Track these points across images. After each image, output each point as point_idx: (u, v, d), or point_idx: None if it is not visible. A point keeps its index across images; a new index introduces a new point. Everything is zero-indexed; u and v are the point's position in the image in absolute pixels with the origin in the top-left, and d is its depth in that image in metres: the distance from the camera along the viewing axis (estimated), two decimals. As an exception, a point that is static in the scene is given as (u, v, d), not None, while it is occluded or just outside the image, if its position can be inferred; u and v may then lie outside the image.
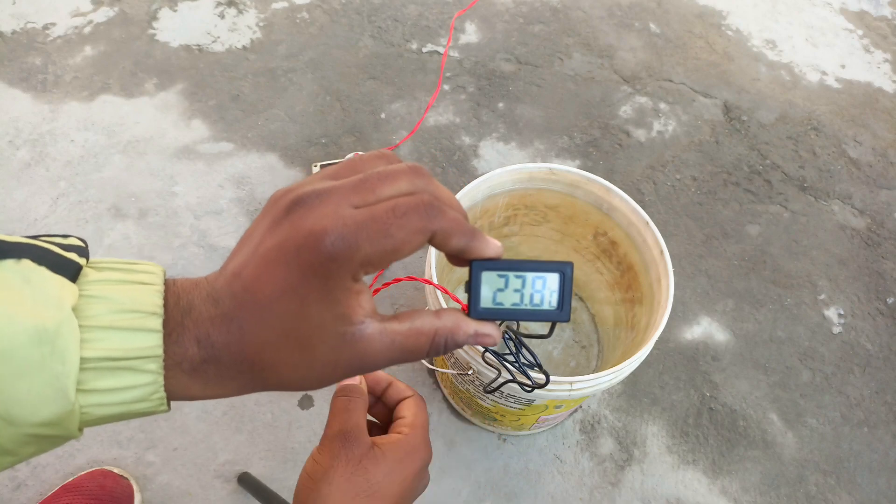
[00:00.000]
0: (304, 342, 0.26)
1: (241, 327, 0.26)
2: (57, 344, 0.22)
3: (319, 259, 0.25)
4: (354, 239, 0.25)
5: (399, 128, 1.18)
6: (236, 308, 0.26)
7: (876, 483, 0.90)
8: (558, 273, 0.31)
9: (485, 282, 0.30)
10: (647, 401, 0.93)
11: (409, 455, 0.37)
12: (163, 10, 1.31)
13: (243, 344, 0.26)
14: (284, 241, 0.25)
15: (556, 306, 0.31)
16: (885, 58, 1.43)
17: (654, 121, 1.25)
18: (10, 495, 0.79)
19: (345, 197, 0.26)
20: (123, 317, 0.24)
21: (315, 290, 0.25)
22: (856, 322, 1.04)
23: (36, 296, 0.23)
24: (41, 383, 0.22)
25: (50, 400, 0.23)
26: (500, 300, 0.30)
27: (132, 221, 1.02)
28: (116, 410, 0.25)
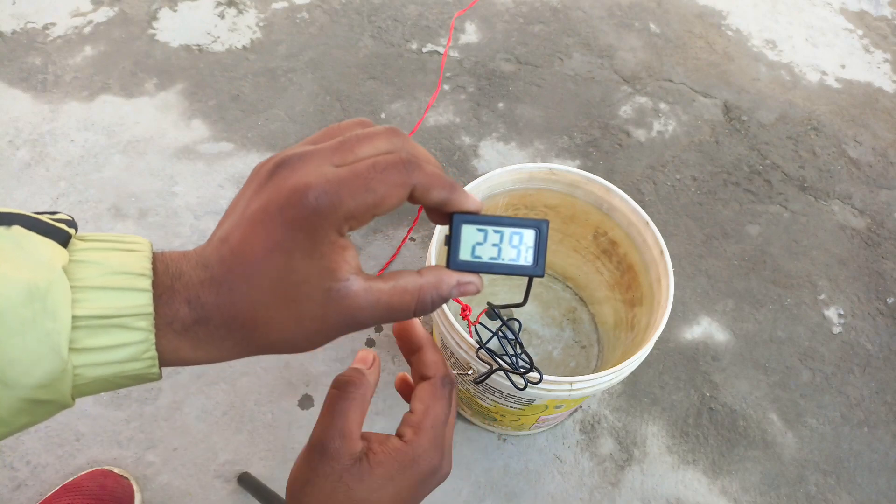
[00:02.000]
0: (292, 298, 0.26)
1: (231, 288, 0.26)
2: (48, 301, 0.23)
3: (304, 213, 0.25)
4: (337, 193, 0.26)
5: (399, 128, 1.18)
6: (225, 271, 0.26)
7: (876, 483, 0.90)
8: (534, 229, 0.32)
9: (464, 235, 0.31)
10: (647, 401, 0.93)
11: (405, 469, 0.31)
12: (163, 10, 1.31)
13: (233, 304, 0.26)
14: (269, 201, 0.26)
15: (532, 262, 0.32)
16: (885, 58, 1.43)
17: (654, 121, 1.25)
18: (10, 495, 0.79)
19: (326, 157, 0.27)
20: (113, 278, 0.25)
21: (300, 245, 0.26)
22: (856, 322, 1.04)
23: (27, 258, 0.23)
24: (34, 341, 0.23)
25: (43, 358, 0.23)
26: (478, 253, 0.31)
27: (132, 221, 1.02)
28: (109, 371, 0.25)
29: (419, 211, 1.06)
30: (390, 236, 1.05)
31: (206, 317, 0.26)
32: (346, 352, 0.93)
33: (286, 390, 0.90)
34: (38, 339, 0.23)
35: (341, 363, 0.92)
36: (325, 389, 0.90)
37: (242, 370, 0.90)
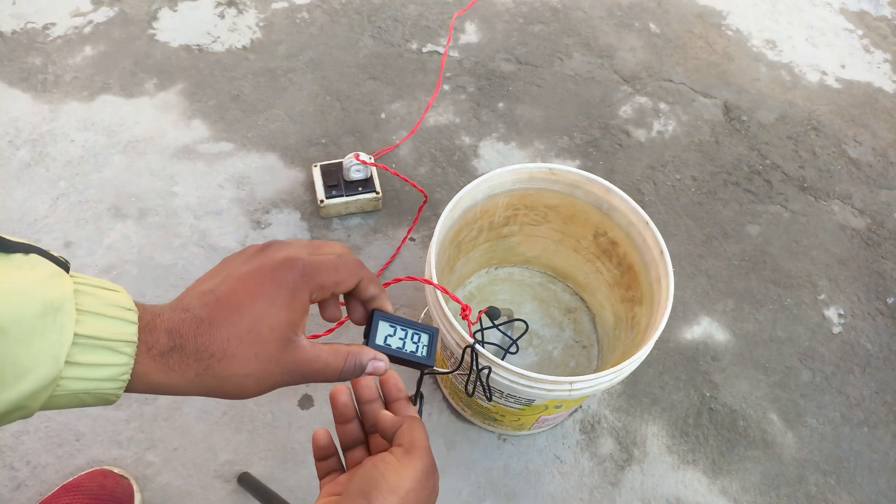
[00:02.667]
0: (262, 339, 0.33)
1: (212, 324, 0.32)
2: (58, 317, 0.27)
3: (291, 276, 0.34)
4: (316, 268, 0.36)
5: (399, 128, 1.18)
6: (209, 312, 0.33)
7: (876, 483, 0.90)
8: (429, 334, 0.44)
9: (380, 327, 0.42)
10: (647, 401, 0.93)
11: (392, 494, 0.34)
12: (163, 10, 1.31)
13: (210, 336, 0.32)
14: (262, 264, 0.35)
15: (426, 355, 0.43)
16: (885, 58, 1.43)
17: (654, 121, 1.25)
18: (10, 495, 0.79)
19: (304, 248, 0.37)
20: (108, 308, 0.30)
21: (282, 299, 0.34)
22: (856, 322, 1.04)
23: (43, 279, 0.28)
24: (39, 349, 0.27)
25: (42, 365, 0.27)
26: (388, 342, 0.42)
27: (132, 221, 1.02)
28: (85, 386, 0.29)
29: (419, 211, 1.06)
30: (390, 236, 1.05)
31: (181, 345, 0.32)
32: (346, 352, 0.93)
33: (286, 390, 0.90)
34: (43, 348, 0.27)
35: (341, 363, 0.92)
36: (324, 389, 0.90)
37: (242, 370, 0.90)
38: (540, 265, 1.00)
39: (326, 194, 1.02)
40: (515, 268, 1.01)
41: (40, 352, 0.27)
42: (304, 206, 1.06)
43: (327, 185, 1.03)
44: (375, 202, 1.05)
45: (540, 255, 0.97)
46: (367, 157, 1.01)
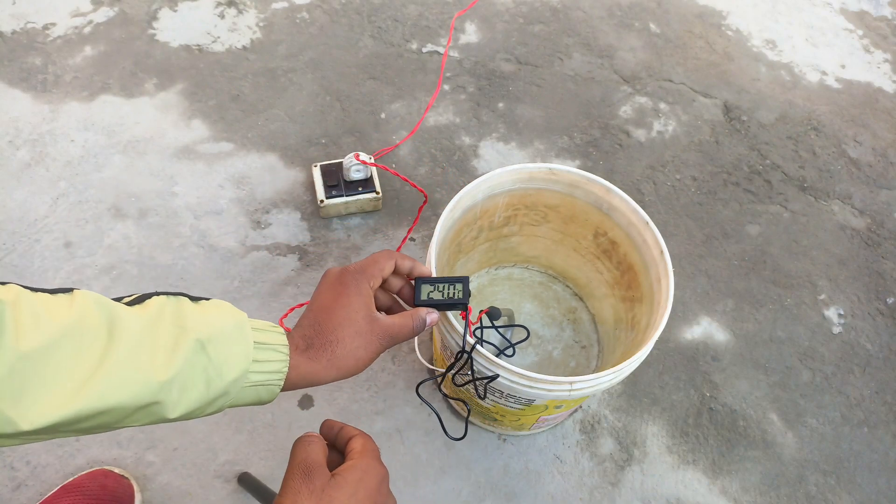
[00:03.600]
0: (353, 320, 0.50)
1: (323, 326, 0.49)
2: (244, 330, 0.44)
3: (350, 277, 0.52)
4: (361, 268, 0.53)
5: (399, 128, 1.18)
6: (318, 320, 0.50)
7: (876, 483, 0.90)
8: (462, 282, 0.58)
9: (422, 288, 0.58)
10: (647, 401, 0.93)
11: (365, 474, 0.44)
12: (163, 10, 1.31)
13: (325, 332, 0.49)
14: (333, 281, 0.52)
15: (462, 297, 0.57)
16: (885, 58, 1.43)
17: (654, 121, 1.25)
18: (10, 495, 0.79)
19: (352, 264, 0.54)
20: (266, 325, 0.46)
21: (353, 292, 0.51)
22: (856, 322, 1.04)
23: (226, 310, 0.44)
24: (237, 350, 0.43)
25: (240, 360, 0.42)
26: (431, 296, 0.57)
27: (132, 221, 1.02)
28: (262, 379, 0.44)
29: (419, 211, 1.06)
30: (390, 236, 1.05)
31: (312, 343, 0.49)
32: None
33: (286, 391, 0.89)
34: (239, 350, 0.43)
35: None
36: (324, 389, 0.90)
37: (242, 370, 0.90)
38: (540, 265, 1.00)
39: (326, 194, 1.02)
40: (515, 268, 1.01)
41: (238, 352, 0.43)
42: (304, 206, 1.06)
43: (327, 185, 1.03)
44: (375, 202, 1.05)
45: (540, 255, 0.97)
46: (367, 157, 1.01)
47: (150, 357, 0.38)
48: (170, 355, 0.39)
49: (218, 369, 0.41)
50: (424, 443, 0.87)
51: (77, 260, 0.97)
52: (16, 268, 0.96)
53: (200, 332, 0.40)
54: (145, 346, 0.38)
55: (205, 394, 0.41)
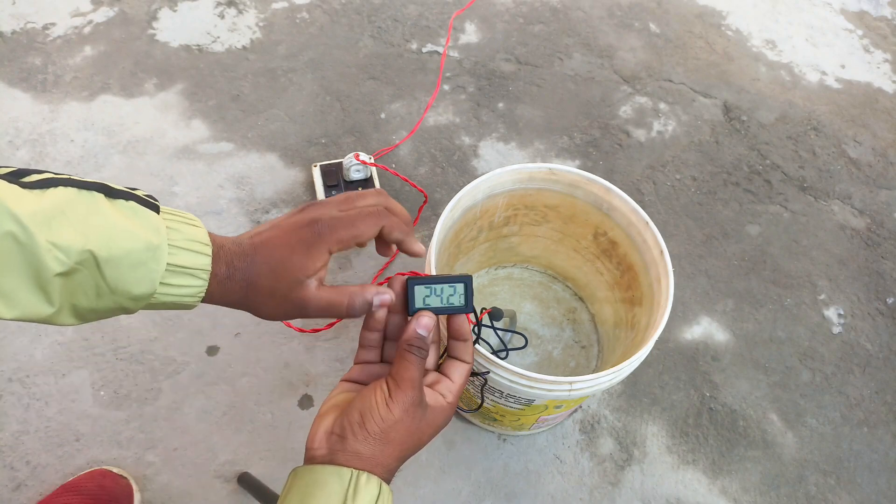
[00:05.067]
0: (279, 276, 0.43)
1: (253, 259, 0.43)
2: (157, 253, 0.38)
3: (312, 233, 0.43)
4: (334, 226, 0.44)
5: (399, 128, 1.18)
6: (252, 249, 0.43)
7: (876, 483, 0.90)
8: (463, 282, 0.46)
9: (417, 292, 0.46)
10: (647, 401, 0.93)
11: (445, 420, 0.45)
12: (163, 10, 1.31)
13: (250, 269, 0.43)
14: (294, 222, 0.44)
15: (464, 304, 0.47)
16: (885, 58, 1.43)
17: (654, 121, 1.25)
18: (9, 495, 0.79)
19: (335, 205, 0.46)
20: (191, 244, 0.40)
21: (299, 249, 0.43)
22: (856, 322, 1.04)
23: (144, 223, 0.38)
24: (142, 275, 0.38)
25: (144, 284, 0.39)
26: (427, 302, 0.46)
27: (132, 221, 1.02)
28: (174, 300, 0.41)
29: (419, 211, 1.06)
30: (390, 236, 1.04)
31: (233, 274, 0.43)
32: (345, 352, 0.93)
33: (286, 390, 0.90)
34: (145, 274, 0.38)
35: (342, 363, 0.92)
36: (324, 389, 0.90)
37: (242, 371, 0.90)
38: (540, 265, 1.00)
39: (326, 194, 1.02)
40: (515, 268, 1.01)
41: (143, 276, 0.38)
42: (304, 206, 1.06)
43: (327, 185, 1.03)
44: (375, 202, 1.05)
45: (540, 255, 0.97)
46: (366, 157, 1.01)
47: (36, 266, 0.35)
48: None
49: (112, 288, 0.38)
50: (424, 443, 0.87)
51: (77, 260, 0.97)
52: None
53: (100, 248, 0.36)
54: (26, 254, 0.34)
55: (95, 302, 0.38)
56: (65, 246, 0.36)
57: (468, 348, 0.48)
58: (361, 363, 0.48)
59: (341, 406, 0.44)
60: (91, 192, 0.38)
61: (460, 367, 0.47)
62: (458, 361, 0.47)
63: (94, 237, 0.37)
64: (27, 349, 0.89)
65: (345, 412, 0.42)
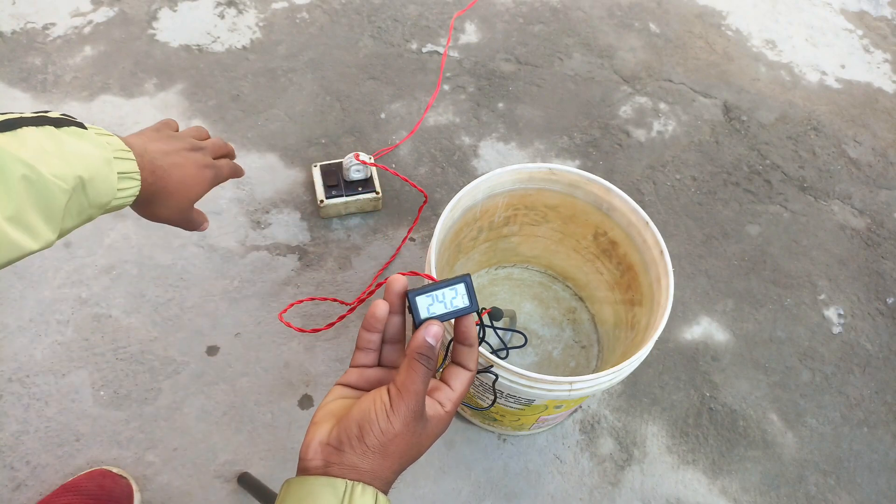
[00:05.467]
0: (182, 195, 0.58)
1: (167, 174, 0.55)
2: (111, 166, 0.47)
3: (210, 175, 0.62)
4: (219, 174, 0.64)
5: (399, 128, 1.18)
6: (166, 168, 0.55)
7: (876, 483, 0.90)
8: (463, 282, 0.44)
9: (419, 302, 0.44)
10: (647, 401, 0.93)
11: (443, 429, 0.44)
12: (163, 10, 1.31)
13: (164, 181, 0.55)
14: (196, 160, 0.60)
15: (469, 304, 0.45)
16: (885, 58, 1.44)
17: (654, 121, 1.25)
18: (9, 495, 0.79)
19: (211, 151, 0.64)
20: (121, 152, 0.49)
21: (201, 182, 0.60)
22: (856, 322, 1.04)
23: (92, 142, 0.46)
24: (108, 186, 0.47)
25: (108, 193, 0.48)
26: (432, 311, 0.44)
27: (132, 221, 1.02)
28: (119, 202, 0.50)
29: (419, 211, 1.06)
30: (390, 236, 1.05)
31: (154, 182, 0.54)
32: (345, 352, 0.93)
33: (286, 390, 0.90)
34: (109, 185, 0.47)
35: (341, 363, 0.92)
36: (324, 389, 0.90)
37: (242, 370, 0.90)
38: (540, 265, 1.00)
39: (326, 194, 1.02)
40: (515, 268, 1.01)
41: (108, 187, 0.47)
42: (303, 206, 1.06)
43: (327, 185, 1.03)
44: (375, 202, 1.05)
45: (540, 255, 0.97)
46: (367, 157, 1.01)
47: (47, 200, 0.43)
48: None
49: (90, 203, 0.46)
50: (424, 443, 0.87)
51: (77, 260, 0.97)
52: (16, 267, 0.96)
53: (83, 172, 0.44)
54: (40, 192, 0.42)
55: (76, 220, 0.47)
56: (62, 176, 0.43)
57: (472, 354, 0.45)
58: (359, 367, 0.46)
59: (337, 414, 0.41)
60: (45, 126, 0.44)
61: (462, 375, 0.45)
62: (461, 368, 0.45)
63: (75, 164, 0.44)
64: (27, 349, 0.89)
65: (342, 423, 0.40)
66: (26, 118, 0.43)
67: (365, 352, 0.46)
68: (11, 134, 0.41)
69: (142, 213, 0.57)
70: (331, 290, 0.98)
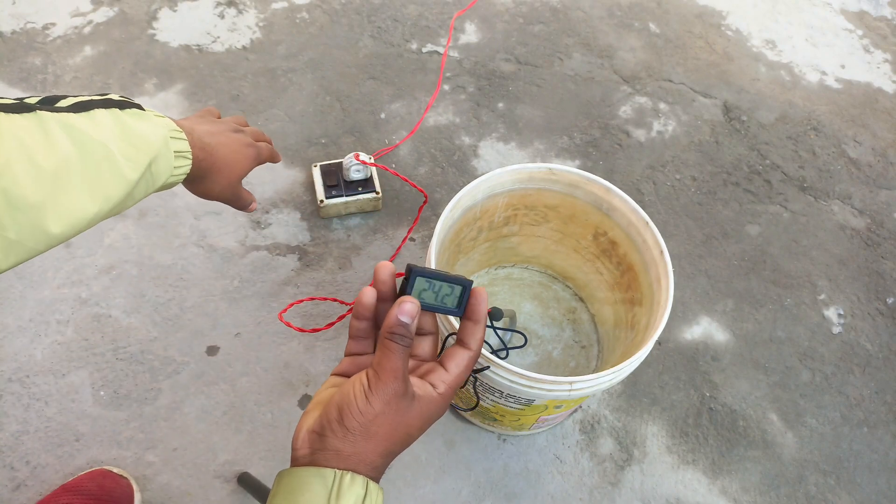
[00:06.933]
0: (232, 172, 0.64)
1: (215, 152, 0.60)
2: (168, 145, 0.51)
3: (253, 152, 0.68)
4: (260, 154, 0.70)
5: (399, 128, 1.18)
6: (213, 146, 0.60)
7: (876, 483, 0.90)
8: (463, 286, 0.44)
9: (417, 282, 0.43)
10: (646, 401, 0.93)
11: (436, 412, 0.43)
12: (162, 10, 1.31)
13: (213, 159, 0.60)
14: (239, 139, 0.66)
15: (456, 306, 0.45)
16: (885, 58, 1.44)
17: (654, 121, 1.25)
18: (9, 495, 0.79)
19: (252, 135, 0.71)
20: (175, 132, 0.53)
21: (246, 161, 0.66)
22: (856, 322, 1.04)
23: (151, 123, 0.50)
24: (166, 165, 0.52)
25: (167, 172, 0.52)
26: (422, 296, 0.44)
27: (132, 221, 1.02)
28: (174, 180, 0.54)
29: (419, 211, 1.06)
30: (390, 236, 1.05)
31: (205, 158, 0.58)
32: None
33: (286, 390, 0.90)
34: (167, 164, 0.52)
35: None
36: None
37: (242, 370, 0.90)
38: (540, 265, 1.00)
39: (326, 194, 1.02)
40: (515, 268, 1.01)
41: (166, 166, 0.51)
42: (303, 206, 1.06)
43: (327, 185, 1.03)
44: (375, 202, 1.05)
45: (540, 255, 0.97)
46: (366, 157, 1.01)
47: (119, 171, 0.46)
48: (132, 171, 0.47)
49: (154, 182, 0.50)
50: (424, 443, 0.87)
51: (77, 260, 0.97)
52: (15, 268, 0.96)
53: (149, 153, 0.48)
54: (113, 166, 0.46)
55: (143, 194, 0.50)
56: (133, 158, 0.47)
57: (477, 333, 0.44)
58: (351, 355, 0.46)
59: (325, 402, 0.41)
60: (112, 109, 0.47)
61: (460, 356, 0.43)
62: (460, 349, 0.44)
63: (142, 146, 0.48)
64: (27, 349, 0.89)
65: (324, 408, 0.40)
66: (96, 101, 0.46)
67: (357, 340, 0.45)
68: (87, 115, 0.44)
69: (194, 190, 0.61)
70: (331, 290, 0.98)
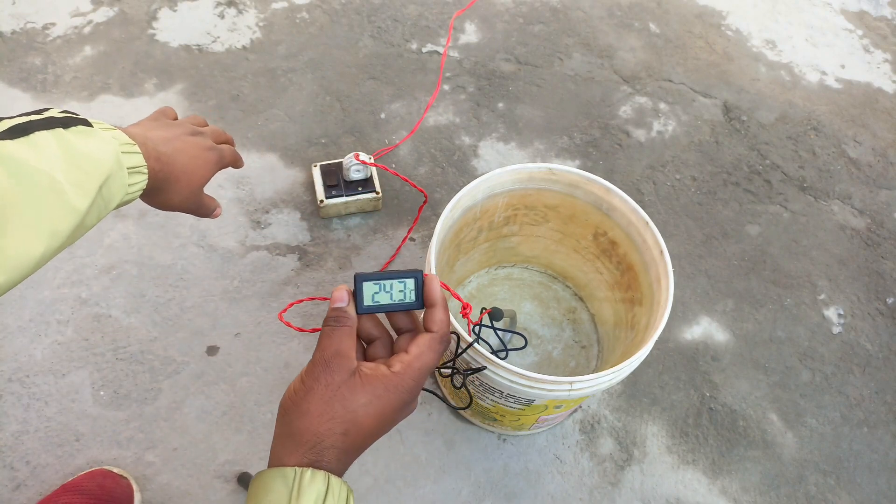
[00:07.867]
0: (191, 180, 0.56)
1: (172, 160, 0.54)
2: (121, 162, 0.45)
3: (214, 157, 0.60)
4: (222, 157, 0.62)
5: (399, 128, 1.18)
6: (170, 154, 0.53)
7: (876, 483, 0.90)
8: (413, 277, 0.44)
9: (365, 288, 0.43)
10: (646, 401, 0.93)
11: (390, 392, 0.40)
12: (162, 10, 1.31)
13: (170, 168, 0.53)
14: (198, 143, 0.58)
15: (414, 300, 0.44)
16: (885, 58, 1.44)
17: (654, 121, 1.25)
18: (9, 495, 0.79)
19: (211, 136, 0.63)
20: (127, 147, 0.47)
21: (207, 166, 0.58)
22: (856, 322, 1.04)
23: (101, 141, 0.44)
24: (120, 185, 0.46)
25: (121, 192, 0.46)
26: (377, 300, 0.43)
27: (132, 221, 1.02)
28: (129, 198, 0.48)
29: (419, 211, 1.06)
30: (390, 236, 1.05)
31: (161, 169, 0.52)
32: (345, 352, 0.93)
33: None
34: (121, 184, 0.46)
35: (341, 363, 0.92)
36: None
37: (242, 370, 0.90)
38: (540, 265, 1.00)
39: (326, 194, 1.02)
40: (515, 268, 1.01)
41: (120, 186, 0.46)
42: (303, 206, 1.06)
43: (327, 185, 1.03)
44: (375, 202, 1.05)
45: (540, 255, 0.97)
46: (366, 157, 1.01)
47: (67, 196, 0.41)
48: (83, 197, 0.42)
49: (106, 204, 0.45)
50: (424, 443, 0.87)
51: (77, 260, 0.97)
52: None
53: (100, 177, 0.43)
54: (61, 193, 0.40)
55: (94, 220, 0.46)
56: (79, 183, 0.41)
57: (435, 315, 0.44)
58: None
59: None
60: (55, 129, 0.41)
61: (421, 338, 0.43)
62: (424, 333, 0.44)
63: (91, 170, 0.42)
64: (27, 349, 0.89)
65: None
66: (35, 122, 0.40)
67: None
68: (26, 141, 0.38)
69: (153, 203, 0.55)
70: (331, 290, 0.98)
